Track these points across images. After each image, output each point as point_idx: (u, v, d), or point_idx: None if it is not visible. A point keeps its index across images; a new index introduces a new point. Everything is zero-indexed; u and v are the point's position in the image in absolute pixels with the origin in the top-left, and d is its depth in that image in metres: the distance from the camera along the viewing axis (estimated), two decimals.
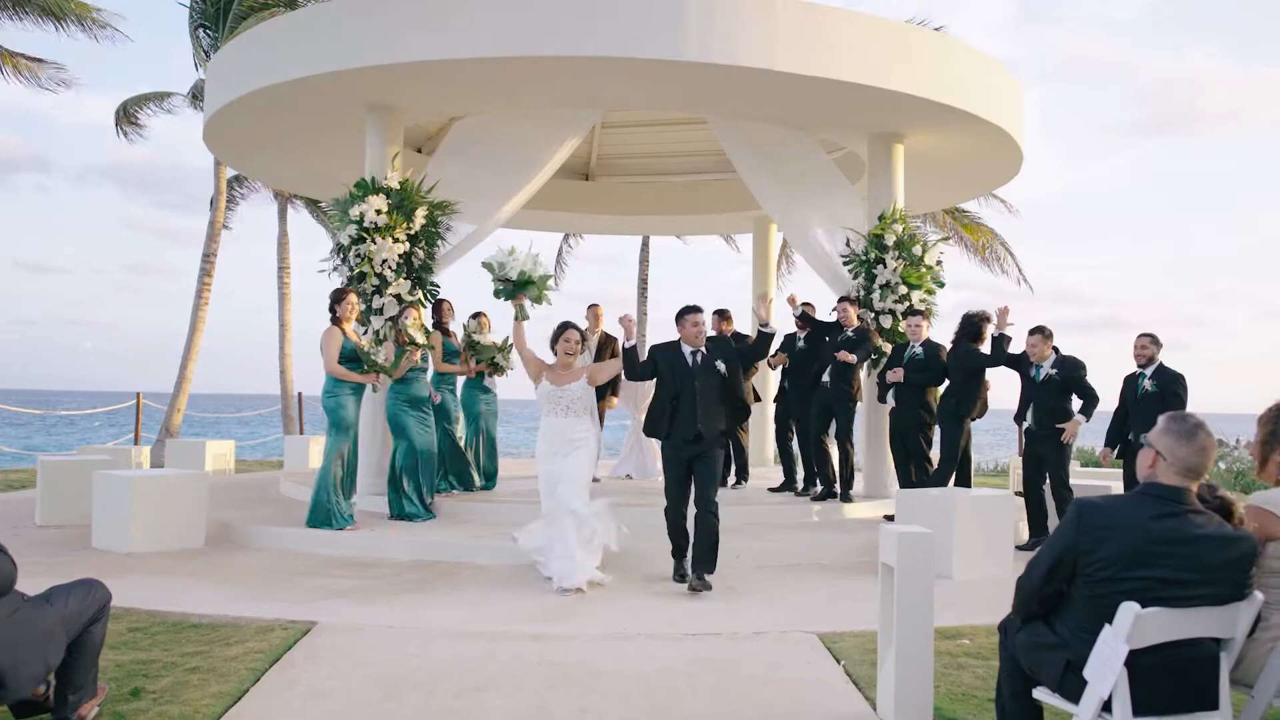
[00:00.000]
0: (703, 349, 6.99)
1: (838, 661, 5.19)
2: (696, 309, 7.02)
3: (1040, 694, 3.41)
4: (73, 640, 3.79)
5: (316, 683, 4.74)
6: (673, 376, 6.94)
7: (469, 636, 5.59)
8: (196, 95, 18.70)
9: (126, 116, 19.65)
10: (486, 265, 7.87)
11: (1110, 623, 3.06)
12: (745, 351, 7.37)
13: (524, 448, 22.28)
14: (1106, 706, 3.11)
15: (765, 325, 7.19)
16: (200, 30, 18.22)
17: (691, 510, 7.01)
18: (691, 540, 6.93)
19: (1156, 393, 8.44)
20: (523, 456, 16.84)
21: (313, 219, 22.50)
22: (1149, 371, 8.62)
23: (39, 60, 17.49)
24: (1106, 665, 3.05)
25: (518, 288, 7.67)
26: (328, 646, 5.34)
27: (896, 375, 9.50)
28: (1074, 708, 3.21)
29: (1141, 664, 3.06)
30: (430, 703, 4.48)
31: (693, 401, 6.85)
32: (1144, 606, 3.02)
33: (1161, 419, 3.31)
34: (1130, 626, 3.00)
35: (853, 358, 9.71)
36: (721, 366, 6.94)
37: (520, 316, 7.68)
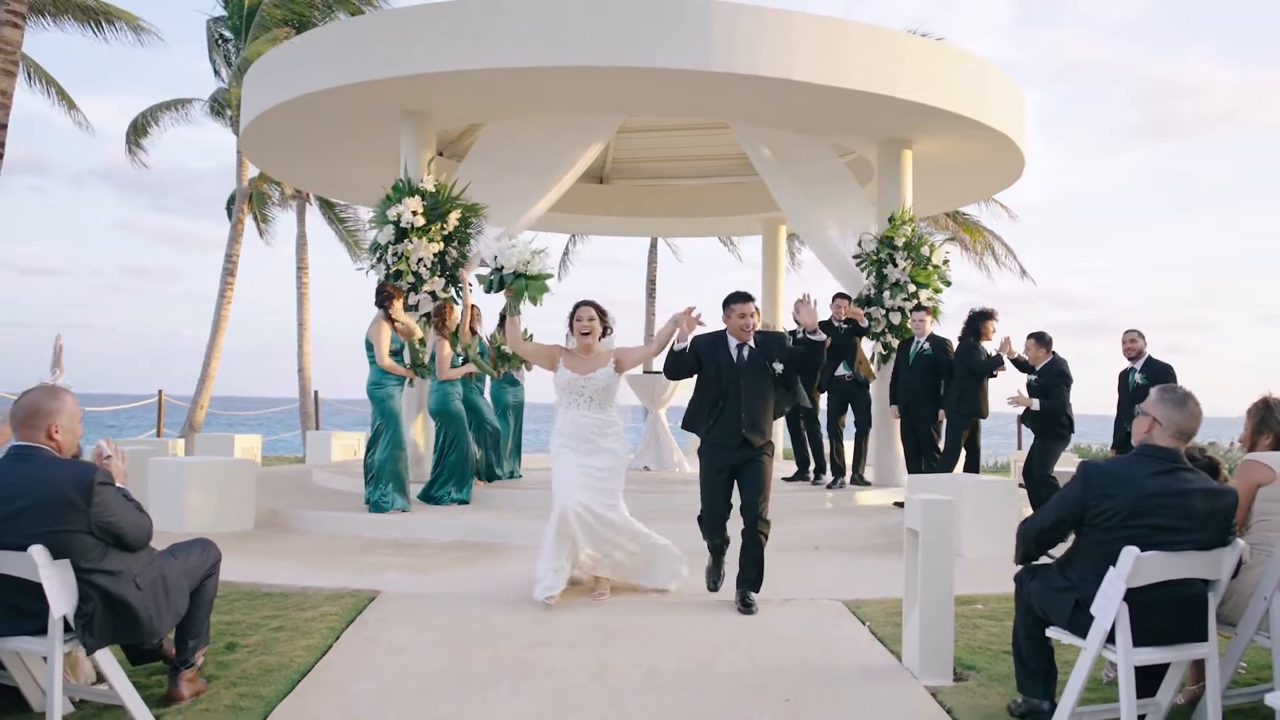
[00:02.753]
0: (750, 344, 6.05)
1: (863, 623, 5.69)
2: (745, 297, 6.10)
3: (1052, 633, 3.93)
4: (192, 591, 4.27)
5: (392, 640, 5.23)
6: (717, 373, 6.02)
7: (522, 603, 6.07)
8: (217, 101, 19.22)
9: (137, 133, 19.80)
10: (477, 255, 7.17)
11: (1114, 565, 3.56)
12: (796, 358, 6.31)
13: (541, 446, 22.73)
14: (1110, 639, 3.61)
15: (814, 332, 6.39)
16: (220, 40, 18.73)
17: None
18: (738, 555, 6.09)
19: (1148, 384, 8.88)
20: (534, 452, 17.30)
21: (325, 222, 22.89)
22: (1139, 365, 9.12)
23: (63, 91, 17.89)
24: (1110, 602, 3.55)
25: (507, 280, 6.65)
26: (395, 610, 5.84)
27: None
28: (1081, 641, 3.71)
29: (1140, 601, 3.56)
30: (499, 656, 4.97)
31: (737, 404, 5.94)
32: (1142, 551, 3.52)
33: (1154, 390, 3.84)
34: (1131, 568, 3.50)
35: (859, 314, 10.25)
36: (779, 367, 6.03)
37: (511, 311, 6.65)
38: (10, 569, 3.68)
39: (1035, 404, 9.01)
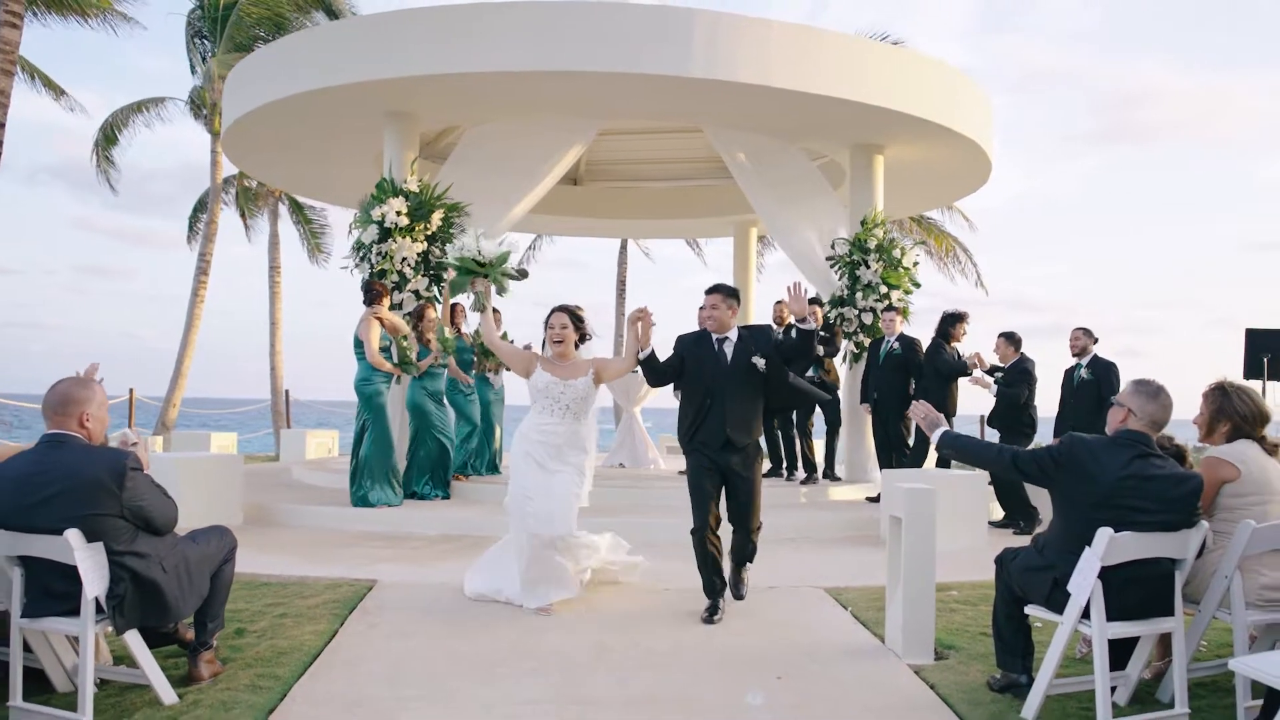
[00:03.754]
0: (731, 337, 5.74)
1: (845, 608, 5.96)
2: (712, 289, 5.80)
3: (1030, 610, 4.21)
4: (211, 575, 4.44)
5: (395, 625, 5.42)
6: (700, 370, 5.71)
7: None
8: (194, 101, 19.19)
9: (108, 140, 19.49)
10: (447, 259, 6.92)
11: (1089, 546, 3.84)
12: (786, 351, 5.87)
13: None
14: (1085, 614, 3.89)
15: (803, 320, 5.72)
16: (198, 36, 18.73)
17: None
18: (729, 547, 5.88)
19: (1093, 380, 9.26)
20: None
21: (293, 224, 22.71)
22: (1084, 362, 9.47)
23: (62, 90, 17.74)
24: (1085, 579, 3.83)
25: (467, 273, 6.35)
26: (393, 598, 6.03)
27: None
28: (1058, 617, 3.99)
29: (1113, 579, 3.84)
30: (499, 640, 5.18)
31: (721, 401, 5.64)
32: (1116, 532, 3.80)
33: (1129, 383, 4.14)
34: (1105, 547, 3.77)
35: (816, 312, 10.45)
36: (760, 363, 5.66)
37: (476, 306, 6.33)
38: (46, 552, 3.84)
39: (993, 388, 9.36)
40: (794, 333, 6.04)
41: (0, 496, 3.91)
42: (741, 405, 5.69)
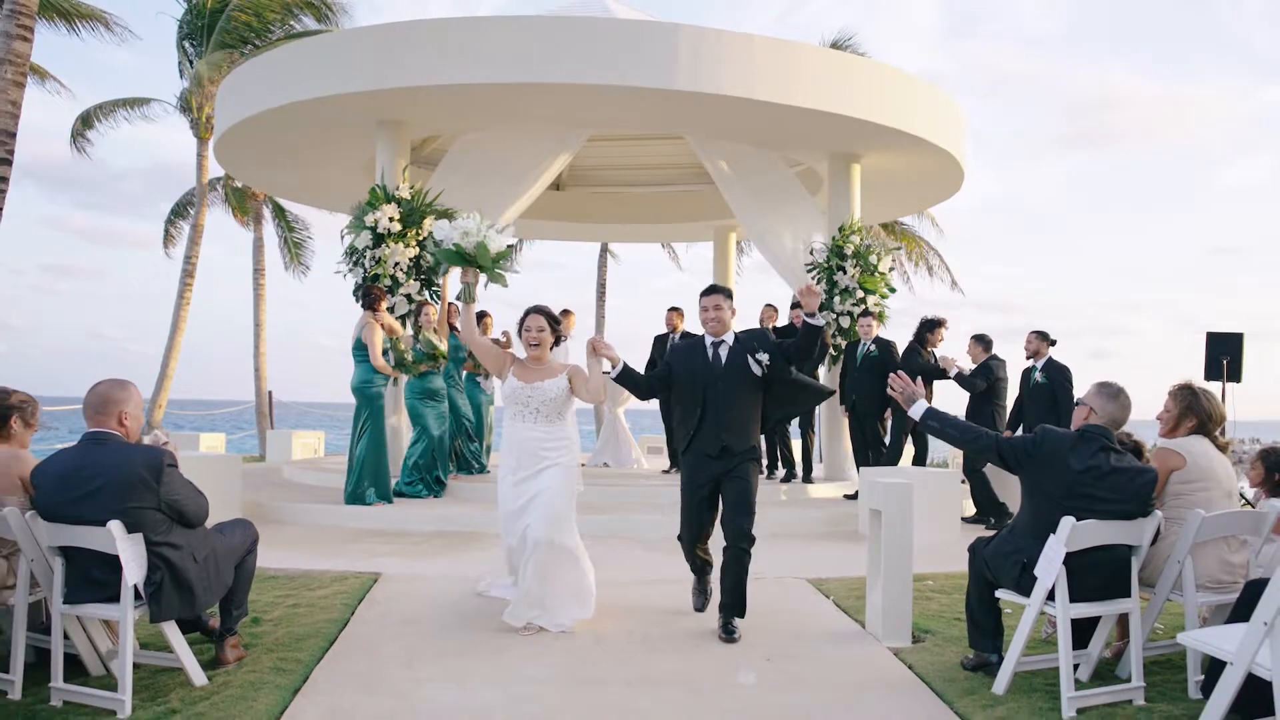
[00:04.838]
0: (728, 340, 5.56)
1: (827, 597, 6.31)
2: (711, 289, 5.67)
3: (1001, 594, 4.57)
4: (236, 566, 4.72)
5: (404, 614, 5.72)
6: (692, 377, 5.54)
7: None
8: (183, 105, 19.33)
9: (86, 124, 19.73)
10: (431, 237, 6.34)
11: (1054, 533, 4.20)
12: (790, 350, 5.55)
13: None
14: (1050, 596, 4.24)
15: (812, 315, 5.41)
16: (186, 40, 18.88)
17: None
18: (719, 576, 5.51)
19: (1047, 384, 9.67)
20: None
21: (275, 229, 22.81)
22: (1039, 365, 9.87)
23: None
24: (1050, 564, 4.19)
25: (461, 259, 5.73)
26: (399, 589, 6.33)
27: None
28: (1026, 600, 4.35)
29: (1076, 564, 4.20)
30: (503, 627, 5.47)
31: (716, 407, 5.45)
32: (1078, 520, 4.16)
33: (1092, 385, 4.53)
34: (1068, 534, 4.13)
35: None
36: (764, 357, 5.48)
37: (465, 297, 5.85)
38: (89, 542, 4.11)
39: (953, 372, 9.80)
40: (798, 329, 5.76)
41: (45, 491, 4.20)
42: (739, 410, 5.49)
